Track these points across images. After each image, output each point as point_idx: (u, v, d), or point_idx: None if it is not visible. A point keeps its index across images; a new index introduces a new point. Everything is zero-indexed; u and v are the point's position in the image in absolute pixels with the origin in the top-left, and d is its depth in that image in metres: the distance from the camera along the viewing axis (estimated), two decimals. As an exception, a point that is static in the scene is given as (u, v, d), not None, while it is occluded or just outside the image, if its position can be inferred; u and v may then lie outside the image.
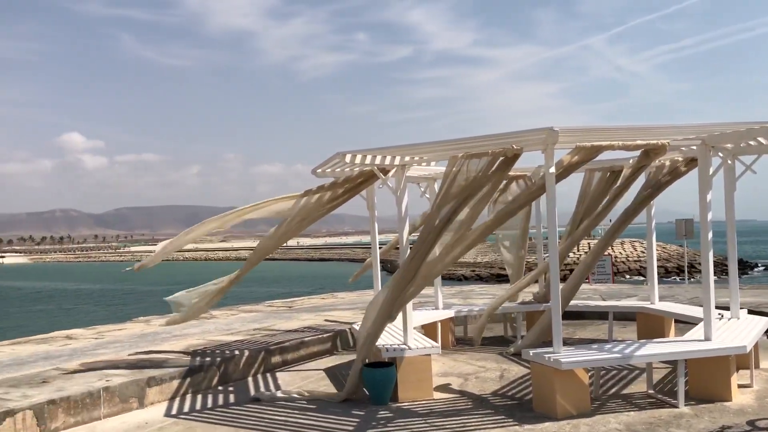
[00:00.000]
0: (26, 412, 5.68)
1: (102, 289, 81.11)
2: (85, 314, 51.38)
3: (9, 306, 64.32)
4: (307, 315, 11.74)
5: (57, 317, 51.01)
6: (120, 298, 67.53)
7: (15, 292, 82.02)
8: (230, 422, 6.09)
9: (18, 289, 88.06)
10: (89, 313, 52.69)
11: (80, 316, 50.28)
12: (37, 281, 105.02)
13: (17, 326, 44.78)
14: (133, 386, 6.60)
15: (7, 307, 62.85)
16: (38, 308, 60.77)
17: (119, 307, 57.17)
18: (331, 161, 7.53)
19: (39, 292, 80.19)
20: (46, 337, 10.25)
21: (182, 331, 10.16)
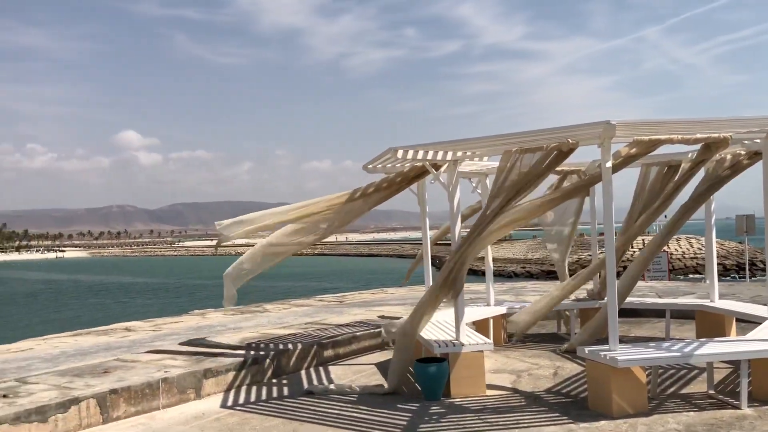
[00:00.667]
0: (90, 400, 5.87)
1: (157, 282, 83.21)
2: (141, 307, 52.79)
3: (70, 298, 66.62)
4: (357, 310, 11.81)
5: (115, 310, 52.58)
6: (173, 291, 69.15)
7: (75, 285, 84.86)
8: (284, 414, 6.17)
9: (78, 283, 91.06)
10: (145, 306, 54.14)
11: (136, 308, 51.69)
12: (96, 275, 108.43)
13: (78, 318, 46.35)
14: (190, 377, 6.76)
15: (68, 300, 65.11)
16: (97, 301, 62.77)
17: (173, 299, 58.57)
18: (382, 157, 7.55)
19: (97, 286, 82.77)
20: (107, 329, 10.58)
21: (237, 324, 10.35)
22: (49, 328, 28.85)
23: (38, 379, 6.59)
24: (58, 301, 64.12)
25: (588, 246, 69.91)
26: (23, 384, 6.36)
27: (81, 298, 65.96)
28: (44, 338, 9.90)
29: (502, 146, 6.63)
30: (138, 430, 5.77)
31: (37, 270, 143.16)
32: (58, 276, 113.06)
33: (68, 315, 51.06)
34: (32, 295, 73.23)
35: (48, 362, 7.58)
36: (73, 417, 5.72)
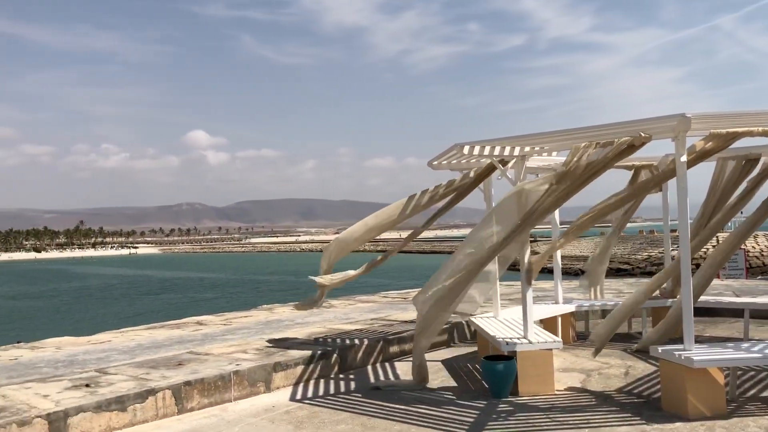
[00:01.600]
0: (165, 391, 6.08)
1: (225, 278, 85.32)
2: (210, 301, 54.26)
3: (143, 293, 69.02)
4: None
5: (186, 304, 54.21)
6: (241, 286, 70.76)
7: (148, 281, 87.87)
8: (352, 409, 6.24)
9: (150, 278, 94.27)
10: (214, 301, 55.61)
11: (206, 303, 53.13)
12: (167, 270, 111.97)
13: (151, 312, 48.01)
14: (260, 371, 6.91)
15: (142, 294, 67.49)
16: (168, 296, 64.84)
17: (240, 294, 59.95)
18: (447, 153, 7.53)
19: (168, 281, 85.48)
20: (179, 323, 10.92)
21: (304, 319, 10.52)
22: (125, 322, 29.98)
23: (117, 370, 6.87)
24: (132, 296, 66.62)
25: (659, 243, 67.78)
26: (103, 374, 6.64)
27: (154, 293, 68.30)
28: (121, 331, 10.30)
29: (572, 141, 6.50)
30: (211, 421, 5.93)
31: (112, 266, 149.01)
32: (131, 272, 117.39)
33: (142, 309, 52.94)
34: (108, 290, 76.30)
35: (125, 354, 7.88)
36: (150, 407, 5.93)
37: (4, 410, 5.30)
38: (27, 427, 5.10)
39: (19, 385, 6.23)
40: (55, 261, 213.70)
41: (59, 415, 5.30)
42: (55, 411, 5.31)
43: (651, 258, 59.39)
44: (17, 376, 6.72)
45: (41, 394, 5.85)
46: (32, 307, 61.67)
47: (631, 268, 56.70)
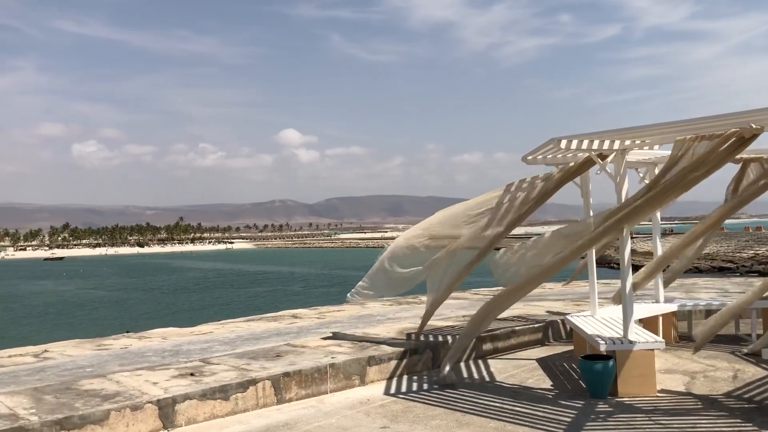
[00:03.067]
0: (265, 382, 6.28)
1: (316, 272, 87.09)
2: (303, 295, 55.56)
3: (240, 286, 71.46)
4: (515, 304, 11.61)
5: (280, 297, 55.75)
6: (331, 280, 72.00)
7: (244, 274, 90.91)
8: (446, 405, 6.24)
9: (245, 272, 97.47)
10: (307, 294, 56.90)
11: (299, 296, 54.46)
12: (261, 265, 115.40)
13: (248, 304, 49.65)
14: (355, 364, 7.02)
15: (238, 288, 69.88)
16: (263, 289, 66.86)
17: (331, 288, 61.03)
18: (543, 148, 7.38)
19: (263, 275, 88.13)
20: (276, 316, 11.25)
21: (395, 314, 10.59)
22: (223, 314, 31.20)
23: (219, 360, 7.15)
24: (229, 289, 69.12)
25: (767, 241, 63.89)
26: (207, 364, 6.92)
27: (248, 286, 70.60)
28: (221, 323, 10.72)
29: (675, 133, 6.23)
30: (309, 412, 6.08)
31: (209, 260, 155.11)
32: (227, 266, 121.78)
33: (238, 301, 54.85)
34: (206, 283, 79.49)
35: (226, 345, 8.19)
36: (251, 396, 6.14)
37: (118, 395, 5.63)
38: (139, 412, 5.39)
39: (130, 372, 6.60)
40: (156, 255, 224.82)
41: (168, 402, 5.58)
42: (164, 398, 5.59)
43: (758, 256, 56.16)
44: (128, 364, 7.11)
45: (151, 381, 6.17)
46: (137, 299, 65.13)
47: (735, 267, 53.81)
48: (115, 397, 5.54)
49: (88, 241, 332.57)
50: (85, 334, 11.46)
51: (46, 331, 42.32)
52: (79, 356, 7.75)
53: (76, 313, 55.19)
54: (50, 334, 36.55)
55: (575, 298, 12.29)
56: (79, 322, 47.77)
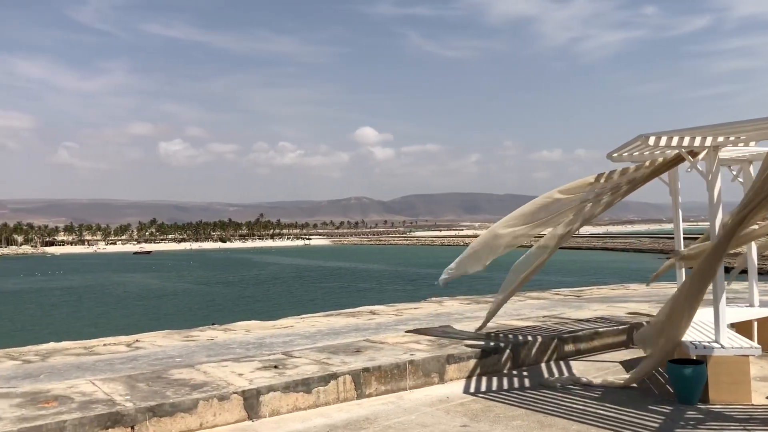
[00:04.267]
0: (346, 376, 6.36)
1: (392, 269, 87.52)
2: (379, 292, 55.96)
3: (318, 281, 72.66)
4: (597, 305, 11.36)
5: (356, 293, 56.37)
6: (406, 277, 72.17)
7: (322, 270, 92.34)
8: (527, 405, 6.15)
9: (322, 268, 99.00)
10: (383, 291, 57.29)
11: (375, 293, 54.88)
12: (338, 261, 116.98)
13: (323, 299, 50.45)
14: (434, 362, 7.01)
15: (316, 283, 71.04)
16: (339, 284, 67.72)
17: (407, 286, 61.20)
18: (630, 145, 7.16)
19: (339, 270, 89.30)
20: (354, 311, 11.38)
21: (474, 313, 10.52)
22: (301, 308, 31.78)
23: (301, 353, 7.29)
24: (308, 284, 70.40)
25: None
26: (289, 357, 7.08)
27: (327, 282, 71.66)
28: (302, 317, 10.93)
29: (774, 129, 5.91)
30: (389, 408, 6.12)
31: (288, 255, 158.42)
32: (306, 261, 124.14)
33: (316, 296, 55.80)
34: (286, 278, 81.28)
35: (307, 339, 8.35)
36: (332, 390, 6.24)
37: (206, 385, 5.83)
38: (226, 402, 5.57)
39: (216, 363, 6.82)
40: (238, 250, 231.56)
41: (253, 393, 5.74)
42: (249, 389, 5.75)
43: None
44: (214, 355, 7.36)
45: (236, 372, 6.36)
46: (220, 292, 67.28)
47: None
48: (203, 387, 5.75)
49: (173, 236, 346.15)
50: (172, 325, 11.94)
51: (135, 321, 44.36)
52: (169, 346, 8.07)
53: (164, 305, 57.57)
54: (140, 325, 38.26)
55: (661, 299, 11.85)
56: (166, 313, 49.82)
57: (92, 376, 6.28)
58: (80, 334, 11.80)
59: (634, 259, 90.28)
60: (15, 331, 44.49)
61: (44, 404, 5.22)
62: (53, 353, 7.74)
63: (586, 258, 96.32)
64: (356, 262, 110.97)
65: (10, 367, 6.93)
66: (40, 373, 6.54)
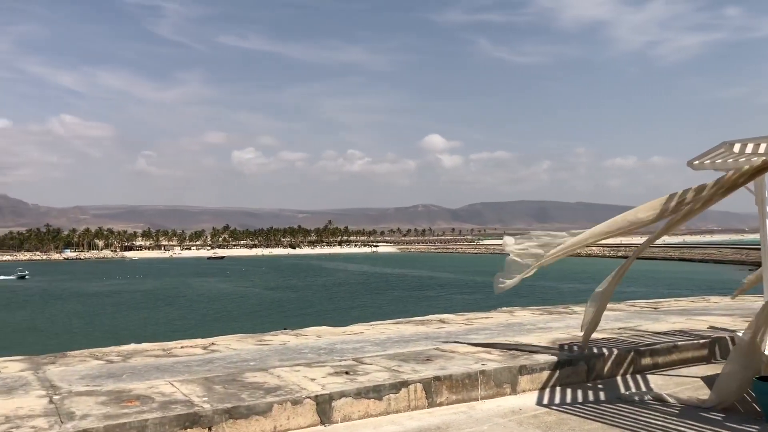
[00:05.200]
0: (417, 384, 6.35)
1: (460, 278, 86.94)
2: (447, 300, 55.72)
3: (385, 289, 72.94)
4: (675, 318, 10.96)
5: (424, 301, 56.25)
6: (475, 286, 71.53)
7: (388, 277, 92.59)
8: (603, 419, 5.98)
9: (388, 275, 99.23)
10: (451, 299, 56.99)
11: (441, 301, 54.67)
12: (404, 268, 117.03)
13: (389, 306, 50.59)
14: (506, 372, 6.92)
15: (384, 290, 71.31)
16: (406, 293, 67.76)
17: (474, 294, 60.66)
18: (713, 152, 6.91)
19: (406, 278, 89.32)
20: (423, 320, 11.35)
21: (546, 324, 10.33)
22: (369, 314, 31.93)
23: (371, 360, 7.32)
24: (376, 290, 70.77)
25: None
26: (360, 364, 7.12)
27: (394, 289, 71.79)
28: (371, 324, 10.98)
29: None
30: (460, 418, 6.07)
31: (356, 262, 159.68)
32: (373, 268, 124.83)
33: (385, 303, 56.00)
34: (354, 284, 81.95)
35: (377, 346, 8.38)
36: (403, 398, 6.24)
37: (280, 389, 5.93)
38: (299, 406, 5.65)
39: (289, 368, 6.93)
40: (307, 256, 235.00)
41: (325, 398, 5.80)
42: (321, 394, 5.81)
43: None
44: (287, 360, 7.48)
45: (309, 377, 6.44)
46: (290, 297, 68.44)
47: None
48: (277, 391, 5.84)
49: (245, 242, 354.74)
50: (244, 329, 12.22)
51: (209, 324, 45.61)
52: (243, 350, 8.25)
53: (237, 309, 59.01)
54: (214, 327, 39.33)
55: (745, 313, 11.35)
56: (239, 317, 51.03)
57: (171, 377, 6.48)
58: (157, 336, 12.24)
59: (714, 271, 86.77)
60: (97, 332, 46.50)
61: (127, 403, 5.42)
62: (134, 354, 8.03)
63: (662, 269, 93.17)
64: (423, 270, 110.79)
65: (95, 366, 7.24)
66: (122, 373, 6.80)
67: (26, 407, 5.37)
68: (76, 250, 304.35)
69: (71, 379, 6.49)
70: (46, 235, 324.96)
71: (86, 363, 7.45)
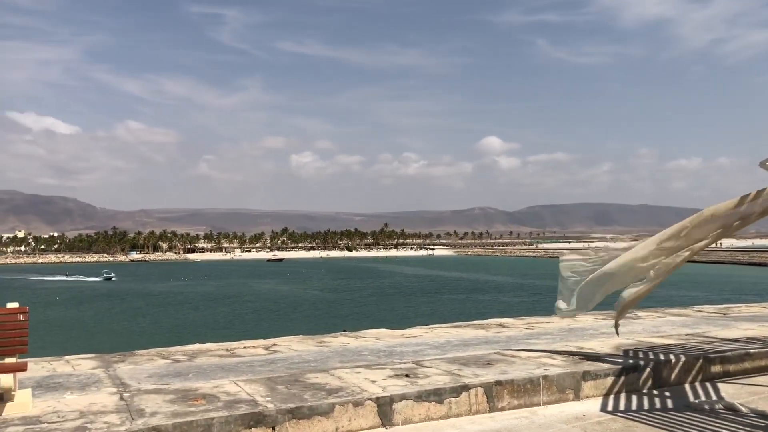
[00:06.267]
0: (478, 389, 6.30)
1: (518, 282, 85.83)
2: (505, 304, 55.11)
3: (443, 292, 72.67)
4: (747, 324, 10.55)
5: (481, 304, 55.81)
6: (532, 290, 70.54)
7: (443, 280, 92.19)
8: (671, 428, 5.80)
9: (447, 278, 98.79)
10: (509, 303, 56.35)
11: (500, 305, 54.12)
12: (461, 272, 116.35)
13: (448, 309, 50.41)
14: (569, 378, 6.79)
15: (441, 293, 71.06)
16: (464, 296, 67.36)
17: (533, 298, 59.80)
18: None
19: (464, 281, 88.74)
20: (482, 323, 11.25)
21: (610, 329, 10.09)
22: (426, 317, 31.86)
23: (431, 363, 7.30)
24: (433, 294, 70.56)
25: None
26: (420, 367, 7.11)
27: (451, 292, 71.46)
28: (429, 327, 10.95)
29: None
30: (522, 423, 5.99)
31: (412, 265, 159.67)
32: (430, 271, 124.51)
33: (442, 306, 55.82)
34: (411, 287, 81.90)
35: (437, 349, 8.35)
36: (464, 402, 6.20)
37: (341, 390, 5.98)
38: (360, 408, 5.68)
39: (350, 369, 6.98)
40: (363, 259, 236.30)
41: (386, 400, 5.81)
42: (383, 396, 5.83)
43: None
44: (347, 361, 7.53)
45: (369, 379, 6.47)
46: (348, 299, 68.92)
47: None
48: (338, 392, 5.89)
49: (303, 244, 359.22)
50: (303, 330, 12.37)
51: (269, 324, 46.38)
52: (304, 351, 8.36)
53: (296, 310, 59.82)
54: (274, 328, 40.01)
55: (823, 321, 10.86)
56: (298, 318, 51.72)
57: (235, 377, 6.62)
58: (218, 336, 12.52)
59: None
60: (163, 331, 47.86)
61: (193, 402, 5.56)
62: (198, 354, 8.23)
63: (729, 273, 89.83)
64: (481, 273, 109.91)
65: (162, 365, 7.45)
66: (188, 372, 6.98)
67: (99, 403, 5.58)
68: (141, 252, 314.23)
69: (140, 377, 6.70)
70: (113, 237, 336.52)
71: (154, 362, 7.68)
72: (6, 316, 5.54)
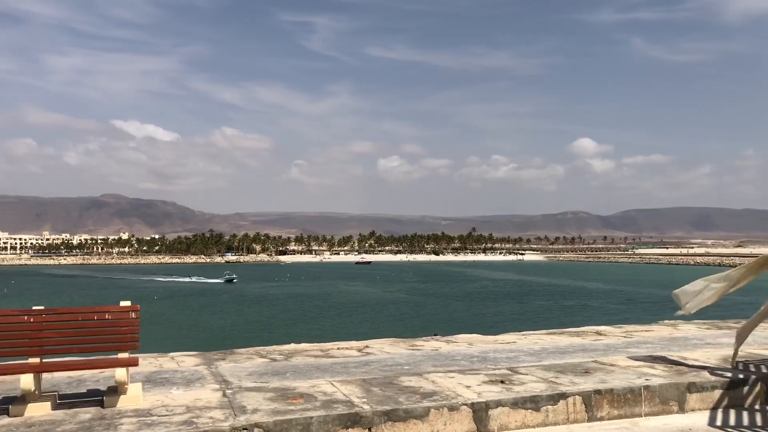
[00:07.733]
0: (576, 397, 6.14)
1: (611, 289, 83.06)
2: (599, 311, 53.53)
3: (533, 298, 71.41)
4: None
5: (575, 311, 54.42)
6: (628, 297, 68.09)
7: (533, 286, 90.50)
8: (788, 447, 5.46)
9: (538, 284, 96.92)
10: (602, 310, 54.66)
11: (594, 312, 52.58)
12: (553, 278, 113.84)
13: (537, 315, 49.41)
14: (673, 389, 6.51)
15: (533, 299, 69.84)
16: (557, 302, 65.86)
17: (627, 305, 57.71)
18: None
19: (557, 287, 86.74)
20: (578, 331, 10.95)
21: (715, 339, 9.61)
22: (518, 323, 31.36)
23: (526, 370, 7.17)
24: (524, 299, 69.40)
25: None
26: (514, 373, 7.00)
27: (543, 298, 70.07)
28: (523, 333, 10.76)
29: None
30: (623, 435, 5.79)
31: (501, 270, 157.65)
32: (520, 277, 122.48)
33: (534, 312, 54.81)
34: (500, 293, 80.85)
35: (532, 356, 8.20)
36: (561, 410, 6.05)
37: (435, 394, 5.97)
38: (455, 413, 5.65)
39: (443, 374, 6.96)
40: (450, 263, 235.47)
41: (481, 406, 5.76)
42: (478, 401, 5.78)
43: None
44: (440, 366, 7.51)
45: (463, 384, 6.43)
46: (436, 303, 68.82)
47: None
48: (433, 396, 5.89)
49: (390, 247, 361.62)
50: (393, 333, 12.44)
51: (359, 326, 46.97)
52: (396, 354, 8.40)
53: (385, 312, 60.30)
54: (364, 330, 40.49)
55: None
56: (386, 320, 52.11)
57: (330, 378, 6.73)
58: (311, 336, 12.80)
59: None
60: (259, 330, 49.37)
61: (292, 400, 5.70)
62: (294, 354, 8.43)
63: None
64: (573, 280, 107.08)
65: (260, 364, 7.68)
66: (285, 371, 7.16)
67: (203, 399, 5.82)
68: (236, 254, 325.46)
69: (240, 375, 6.94)
70: (210, 239, 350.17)
71: (252, 360, 7.92)
72: (119, 314, 5.87)
